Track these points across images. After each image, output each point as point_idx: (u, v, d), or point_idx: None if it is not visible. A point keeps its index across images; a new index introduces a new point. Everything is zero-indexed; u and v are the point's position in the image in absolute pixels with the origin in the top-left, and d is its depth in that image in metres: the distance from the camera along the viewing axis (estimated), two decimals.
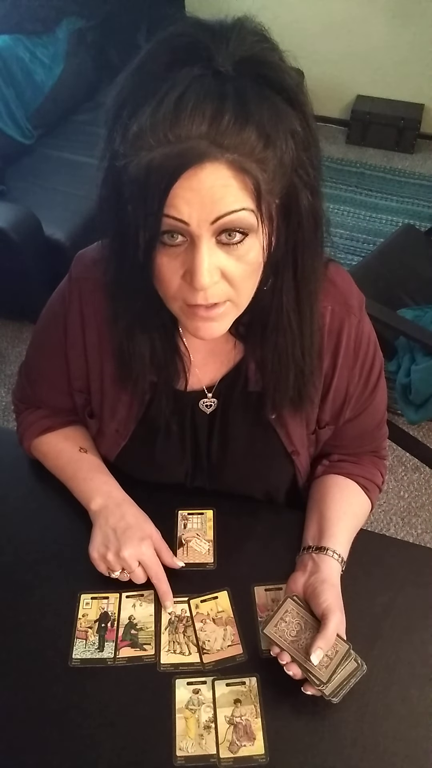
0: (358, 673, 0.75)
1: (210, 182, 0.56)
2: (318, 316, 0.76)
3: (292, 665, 0.75)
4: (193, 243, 0.60)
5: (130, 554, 0.83)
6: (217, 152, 0.55)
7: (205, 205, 0.57)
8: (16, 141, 2.54)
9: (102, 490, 0.92)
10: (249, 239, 0.61)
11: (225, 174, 0.56)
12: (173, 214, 0.57)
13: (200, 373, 0.85)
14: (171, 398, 0.84)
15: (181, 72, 0.55)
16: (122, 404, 0.87)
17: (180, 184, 0.55)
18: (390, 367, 2.00)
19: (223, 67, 0.55)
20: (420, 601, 0.86)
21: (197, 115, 0.53)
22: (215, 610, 0.84)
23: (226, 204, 0.57)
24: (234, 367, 0.84)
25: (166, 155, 0.55)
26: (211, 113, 0.54)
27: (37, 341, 0.94)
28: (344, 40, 3.28)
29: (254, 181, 0.57)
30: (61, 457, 0.96)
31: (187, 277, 0.62)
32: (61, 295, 0.86)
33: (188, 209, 0.57)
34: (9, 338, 2.50)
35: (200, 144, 0.54)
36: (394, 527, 1.96)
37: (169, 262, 0.62)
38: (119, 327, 0.76)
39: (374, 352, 0.85)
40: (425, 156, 3.43)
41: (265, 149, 0.56)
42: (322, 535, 0.86)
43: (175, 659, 0.80)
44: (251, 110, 0.55)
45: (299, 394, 0.80)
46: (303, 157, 0.60)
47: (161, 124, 0.54)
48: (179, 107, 0.53)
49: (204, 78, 0.55)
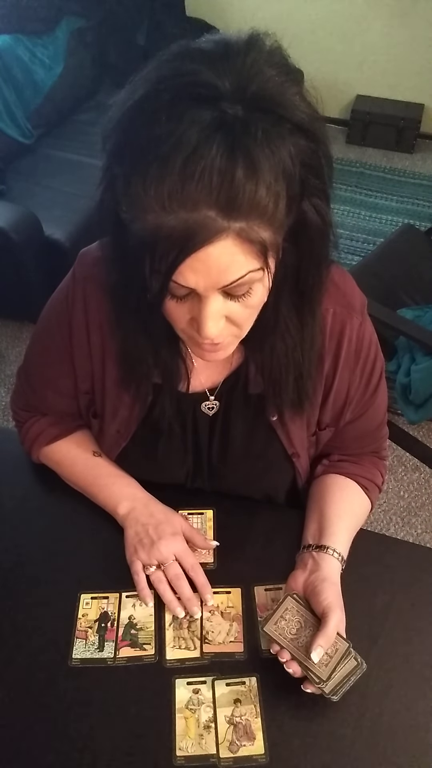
0: (357, 671, 0.75)
1: (217, 255, 0.55)
2: (319, 320, 0.76)
3: (291, 663, 0.75)
4: (199, 297, 0.60)
5: (165, 546, 0.85)
6: (225, 225, 0.53)
7: (212, 275, 0.57)
8: (16, 141, 2.54)
9: (126, 494, 0.92)
10: (254, 288, 0.61)
11: (232, 244, 0.55)
12: (180, 282, 0.57)
13: (202, 376, 0.84)
14: (173, 400, 0.84)
15: (186, 118, 0.51)
16: (124, 405, 0.87)
17: (188, 259, 0.55)
18: (390, 367, 2.00)
19: (232, 110, 0.51)
20: (420, 601, 0.86)
21: (205, 183, 0.51)
22: (225, 604, 0.85)
23: (232, 273, 0.57)
24: (235, 370, 0.84)
25: (173, 227, 0.53)
26: (219, 181, 0.51)
27: (39, 345, 0.92)
28: (344, 40, 3.27)
29: (261, 246, 0.56)
30: (77, 464, 0.95)
31: (194, 324, 0.63)
32: (65, 295, 0.84)
33: (195, 278, 0.57)
34: (9, 338, 2.50)
35: (209, 217, 0.52)
36: (394, 527, 1.96)
37: (177, 307, 0.63)
38: (122, 329, 0.76)
39: (375, 353, 0.85)
40: (425, 156, 3.43)
41: (275, 206, 0.54)
42: (322, 533, 0.86)
43: (181, 654, 0.80)
44: (262, 170, 0.52)
45: (299, 396, 0.80)
46: (314, 185, 0.59)
47: (167, 192, 0.51)
48: (186, 174, 0.50)
49: (210, 131, 0.50)
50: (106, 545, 0.91)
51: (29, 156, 2.59)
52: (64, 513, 0.96)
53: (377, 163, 3.37)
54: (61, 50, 2.68)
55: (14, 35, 2.50)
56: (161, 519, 0.89)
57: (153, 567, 0.85)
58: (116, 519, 0.92)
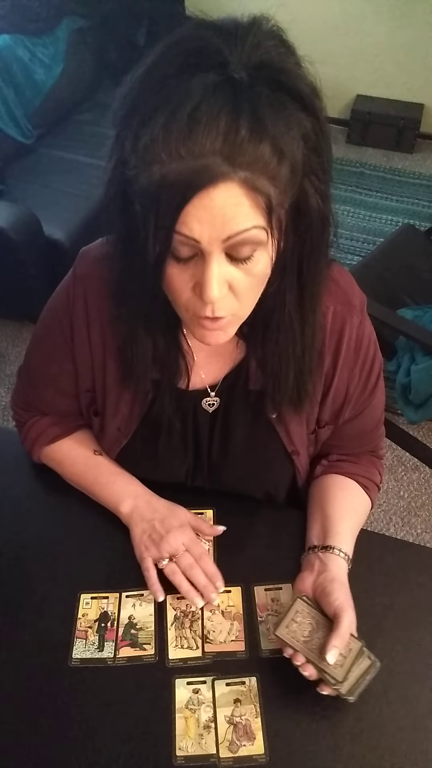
0: (372, 669, 0.75)
1: (222, 201, 0.55)
2: (320, 316, 0.76)
3: (307, 666, 0.74)
4: (203, 257, 0.60)
5: (175, 538, 0.85)
6: (230, 170, 0.54)
7: (216, 224, 0.57)
8: (16, 141, 2.54)
9: (128, 491, 0.92)
10: (258, 253, 0.61)
11: (237, 192, 0.55)
12: (185, 232, 0.57)
13: (203, 372, 0.85)
14: (174, 397, 0.84)
15: (194, 79, 0.53)
16: (124, 403, 0.87)
17: (192, 203, 0.55)
18: (390, 367, 2.00)
19: (237, 74, 0.54)
20: (420, 601, 0.86)
21: (211, 130, 0.52)
22: (226, 603, 0.85)
23: (237, 223, 0.57)
24: (236, 366, 0.84)
25: (178, 172, 0.54)
26: (225, 129, 0.52)
27: (40, 344, 0.92)
28: (344, 40, 3.27)
29: (266, 198, 0.56)
30: (77, 464, 0.95)
31: (197, 290, 0.63)
32: (65, 293, 0.84)
33: (199, 227, 0.57)
34: (9, 338, 2.50)
35: (214, 161, 0.53)
36: (394, 527, 1.96)
37: (179, 273, 0.63)
38: (123, 325, 0.76)
39: (374, 352, 0.86)
40: (425, 156, 3.43)
41: (279, 164, 0.55)
42: (326, 534, 0.86)
43: (183, 654, 0.80)
44: (266, 124, 0.53)
45: (298, 393, 0.80)
46: (314, 163, 0.60)
47: (174, 139, 0.53)
48: (193, 121, 0.52)
49: (218, 87, 0.53)
50: (106, 545, 0.92)
51: (29, 156, 2.59)
52: (64, 513, 0.96)
53: (377, 163, 3.38)
54: (61, 50, 2.68)
55: (14, 35, 2.50)
56: (166, 513, 0.89)
57: (165, 560, 0.85)
58: (119, 517, 0.92)
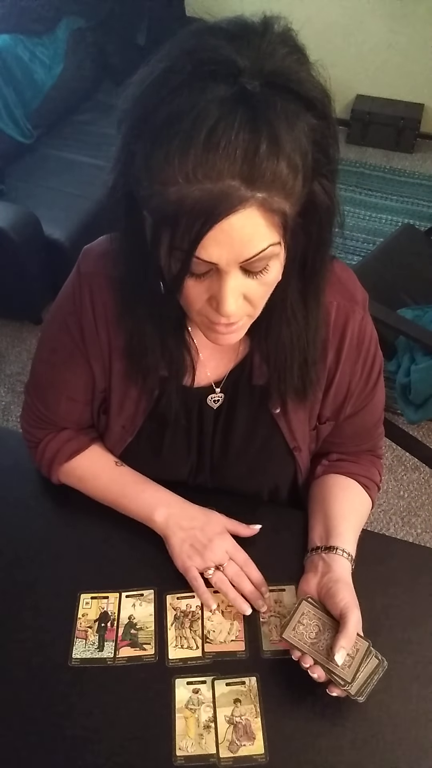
0: (380, 669, 0.75)
1: (241, 225, 0.55)
2: (323, 310, 0.77)
3: (315, 668, 0.74)
4: (218, 272, 0.60)
5: (219, 547, 0.85)
6: (248, 194, 0.53)
7: (235, 248, 0.57)
8: (15, 141, 2.54)
9: (159, 500, 0.91)
10: (272, 263, 0.61)
11: (255, 214, 0.55)
12: (203, 257, 0.57)
13: (208, 368, 0.85)
14: (179, 392, 0.83)
15: (207, 92, 0.52)
16: (130, 400, 0.86)
17: (213, 227, 0.54)
18: (390, 366, 2.00)
19: (251, 85, 0.52)
20: (420, 601, 0.86)
21: (230, 153, 0.51)
22: (225, 603, 0.84)
23: (254, 245, 0.57)
24: (240, 361, 0.84)
25: (197, 199, 0.53)
26: (243, 151, 0.51)
27: (51, 353, 0.89)
28: (344, 40, 3.27)
29: (282, 216, 0.57)
30: (101, 477, 0.93)
31: (213, 303, 0.63)
32: (71, 293, 0.83)
33: (218, 252, 0.57)
34: (9, 338, 2.50)
35: (233, 186, 0.52)
36: (394, 527, 1.96)
37: (195, 286, 0.63)
38: (129, 322, 0.76)
39: (376, 349, 0.86)
40: (425, 156, 3.42)
41: (294, 179, 0.55)
42: (329, 534, 0.86)
43: (183, 654, 0.80)
44: (282, 142, 0.52)
45: (303, 383, 0.80)
46: (323, 164, 0.60)
47: (191, 162, 0.52)
48: (210, 143, 0.51)
49: (233, 103, 0.51)
50: (106, 545, 0.92)
51: (29, 156, 2.59)
52: (64, 513, 0.96)
53: (377, 163, 3.37)
54: (61, 50, 2.68)
55: (14, 35, 2.49)
56: (203, 520, 0.88)
57: (212, 570, 0.84)
58: (152, 527, 0.90)
